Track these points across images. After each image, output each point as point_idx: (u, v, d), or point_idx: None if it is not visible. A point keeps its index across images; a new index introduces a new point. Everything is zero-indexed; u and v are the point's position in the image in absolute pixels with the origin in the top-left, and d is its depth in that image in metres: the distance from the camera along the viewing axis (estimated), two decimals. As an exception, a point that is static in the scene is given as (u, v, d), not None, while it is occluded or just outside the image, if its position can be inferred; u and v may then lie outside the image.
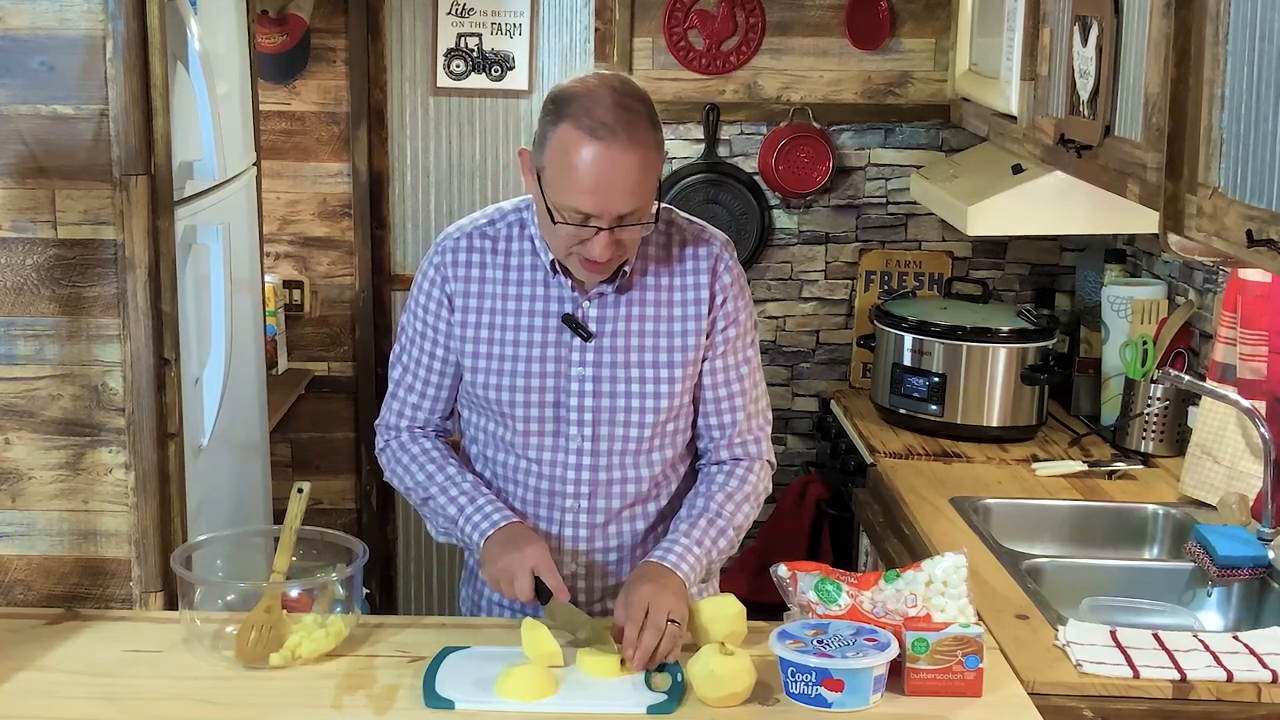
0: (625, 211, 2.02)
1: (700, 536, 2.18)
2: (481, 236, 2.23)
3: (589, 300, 2.19)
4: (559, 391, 2.20)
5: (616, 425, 2.21)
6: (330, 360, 4.36)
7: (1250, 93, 1.99)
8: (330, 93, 4.21)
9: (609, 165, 1.99)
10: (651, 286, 2.21)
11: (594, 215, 2.02)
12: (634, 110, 2.02)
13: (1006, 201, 3.17)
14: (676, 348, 2.21)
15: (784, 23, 3.98)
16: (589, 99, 2.01)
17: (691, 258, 2.22)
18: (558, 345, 2.20)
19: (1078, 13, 2.72)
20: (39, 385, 2.42)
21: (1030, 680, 2.13)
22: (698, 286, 2.22)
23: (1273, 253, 1.88)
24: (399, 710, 1.95)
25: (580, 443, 2.22)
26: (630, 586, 2.10)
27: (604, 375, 2.20)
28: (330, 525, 2.44)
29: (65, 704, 1.97)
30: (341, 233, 4.30)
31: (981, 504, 2.98)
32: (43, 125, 2.35)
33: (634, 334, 2.20)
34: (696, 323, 2.22)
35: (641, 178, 2.01)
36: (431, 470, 2.26)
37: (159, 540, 2.46)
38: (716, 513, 2.21)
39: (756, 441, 2.32)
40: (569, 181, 2.01)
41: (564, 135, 2.01)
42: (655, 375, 2.21)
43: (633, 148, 1.99)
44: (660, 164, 2.08)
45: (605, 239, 2.04)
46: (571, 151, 2.00)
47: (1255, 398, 2.75)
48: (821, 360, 4.14)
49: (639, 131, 2.01)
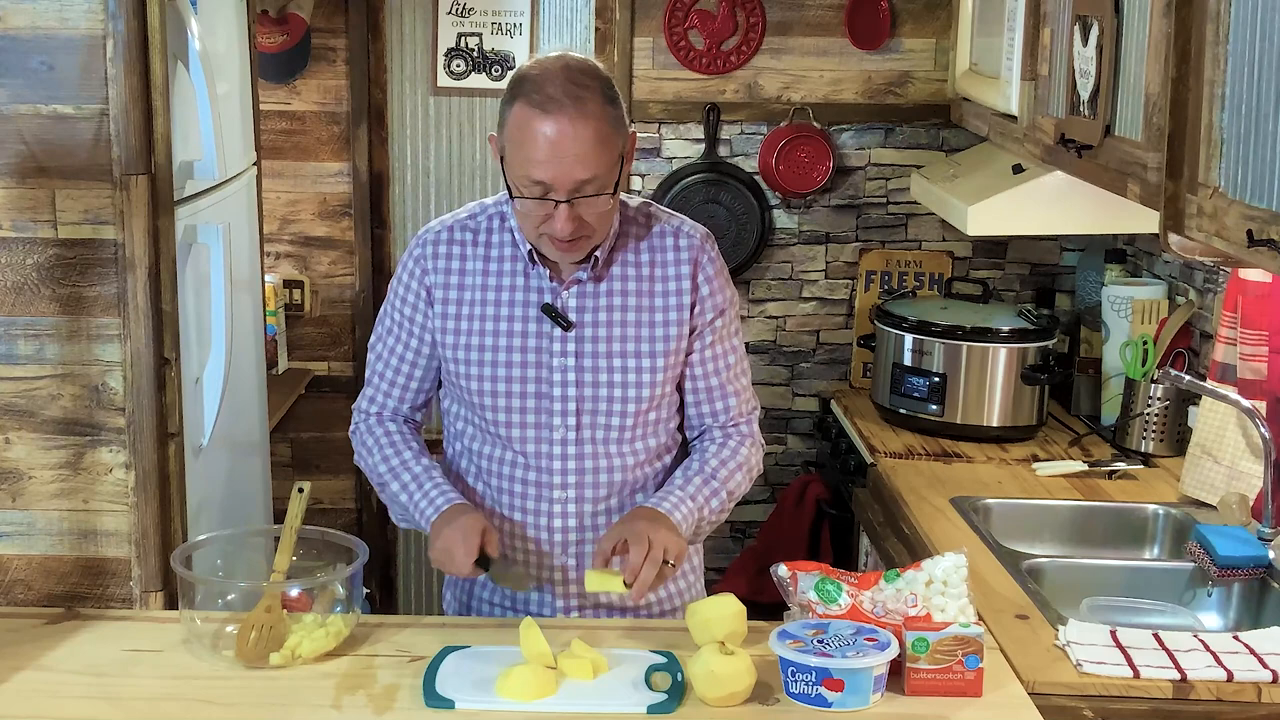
0: (581, 179, 2.06)
1: (694, 493, 2.22)
2: (462, 229, 2.27)
3: (567, 290, 2.22)
4: (541, 382, 2.23)
5: (599, 414, 2.24)
6: (330, 360, 4.36)
7: (1250, 93, 1.99)
8: (330, 92, 4.21)
9: (559, 135, 2.04)
10: (632, 277, 2.24)
11: (550, 186, 2.06)
12: (585, 86, 2.06)
13: (1006, 201, 3.17)
14: (658, 337, 2.24)
15: (784, 22, 3.98)
16: (541, 77, 2.07)
17: (673, 249, 2.25)
18: (538, 336, 2.23)
19: (1078, 12, 2.72)
20: (39, 385, 2.42)
21: (1030, 680, 2.13)
22: (679, 277, 2.24)
23: (1273, 253, 1.88)
24: (399, 710, 1.95)
25: (565, 432, 2.24)
26: (627, 521, 2.15)
27: (585, 365, 2.22)
28: (330, 525, 2.43)
29: (65, 704, 1.97)
30: (341, 232, 4.30)
31: (981, 504, 2.98)
32: (43, 125, 2.35)
33: (614, 324, 2.23)
34: (678, 313, 2.24)
35: (594, 148, 2.05)
36: (389, 454, 2.31)
37: (159, 540, 2.46)
38: (711, 474, 2.25)
39: (748, 423, 2.35)
40: (524, 155, 2.07)
41: (518, 113, 2.07)
42: (637, 364, 2.23)
43: (582, 118, 2.04)
44: (619, 139, 2.11)
45: (566, 213, 2.08)
46: (525, 127, 2.06)
47: (1255, 398, 2.75)
48: (821, 360, 4.14)
49: (589, 104, 2.05)
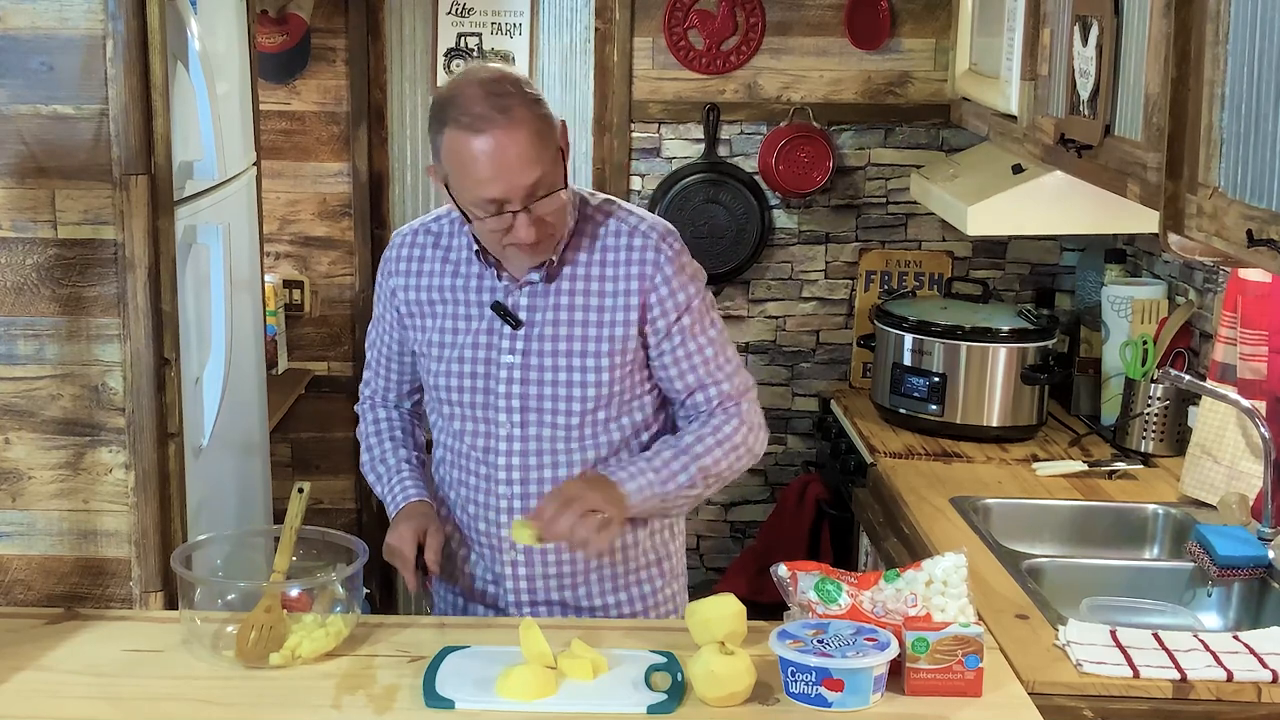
0: (529, 184, 2.06)
1: (658, 463, 2.22)
2: (425, 233, 2.32)
3: (520, 289, 2.23)
4: (489, 378, 2.24)
5: (544, 413, 2.24)
6: (330, 360, 4.35)
7: (1250, 93, 1.99)
8: (330, 93, 4.21)
9: (497, 149, 2.04)
10: (583, 276, 2.23)
11: (504, 200, 2.07)
12: (506, 94, 2.06)
13: (1006, 201, 3.16)
14: (605, 337, 2.22)
15: (784, 22, 3.98)
16: (461, 98, 2.07)
17: (625, 248, 2.23)
18: (489, 333, 2.24)
19: (1078, 12, 2.72)
20: (39, 385, 2.42)
21: (1030, 680, 2.14)
22: (629, 277, 2.22)
23: (1273, 253, 1.88)
24: (399, 710, 1.95)
25: (510, 429, 2.25)
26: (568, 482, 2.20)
27: (532, 364, 2.23)
28: (330, 525, 2.43)
29: (65, 704, 1.97)
30: (341, 233, 4.29)
31: (981, 504, 2.98)
32: (43, 125, 2.35)
33: (563, 323, 2.22)
34: (626, 313, 2.22)
35: (532, 150, 2.06)
36: (372, 443, 2.44)
37: (159, 540, 2.46)
38: (681, 448, 2.24)
39: (737, 404, 2.29)
40: (469, 179, 2.07)
41: (450, 139, 2.08)
42: (583, 364, 2.22)
43: (513, 127, 2.05)
44: (553, 133, 2.10)
45: (525, 220, 2.09)
46: (462, 151, 2.06)
47: (1255, 398, 2.75)
48: (821, 360, 4.14)
49: (515, 110, 2.05)
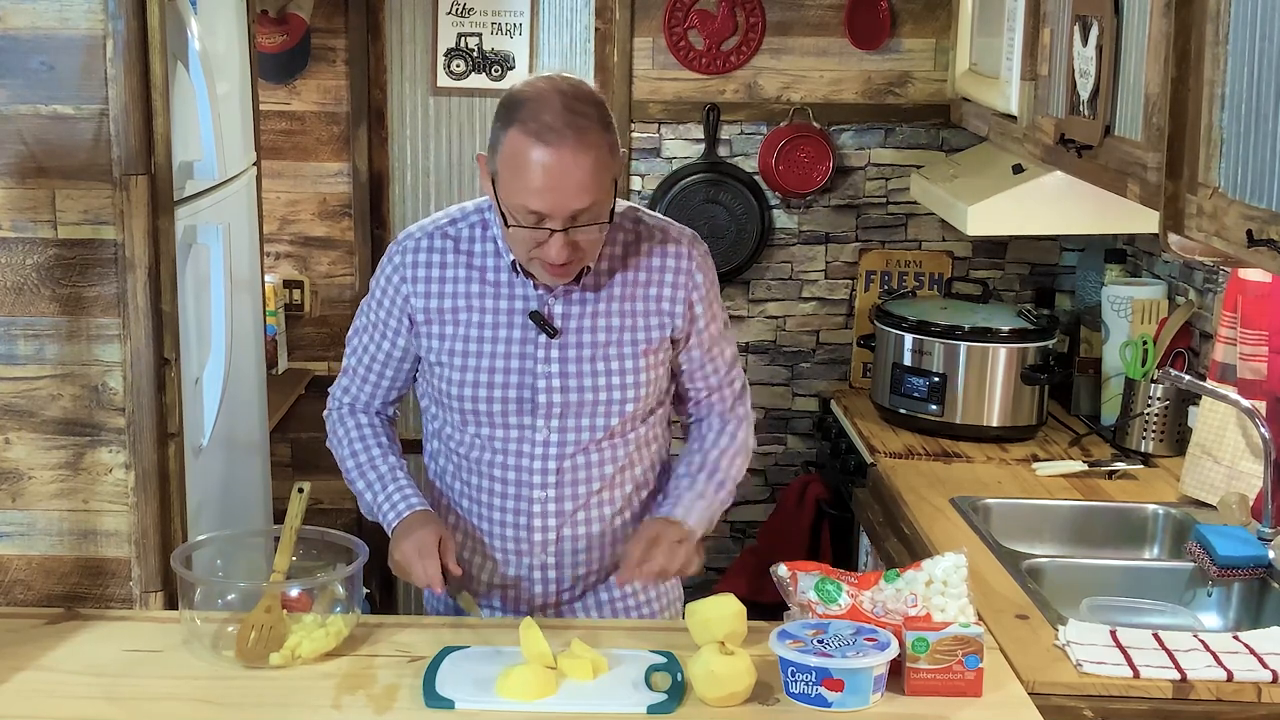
0: (577, 209, 2.03)
1: (703, 489, 2.28)
2: (443, 237, 2.25)
3: (555, 297, 2.21)
4: (524, 388, 2.22)
5: (583, 418, 2.24)
6: (330, 360, 4.35)
7: (1250, 93, 1.99)
8: (330, 93, 4.21)
9: (558, 167, 2.00)
10: (619, 283, 2.23)
11: (547, 216, 2.04)
12: (583, 114, 2.02)
13: (1006, 201, 3.17)
14: (641, 341, 2.23)
15: (784, 22, 3.98)
16: (538, 103, 2.02)
17: (659, 255, 2.24)
18: (523, 343, 2.22)
19: (1078, 13, 2.72)
20: (39, 385, 2.42)
21: (1030, 680, 2.14)
22: (662, 284, 2.24)
23: (1273, 253, 1.88)
24: (399, 710, 1.95)
25: (547, 434, 2.24)
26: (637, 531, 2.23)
27: (570, 371, 2.22)
28: (330, 525, 2.43)
29: (65, 704, 1.97)
30: (341, 233, 4.29)
31: (981, 504, 2.98)
32: (43, 125, 2.35)
33: (600, 330, 2.22)
34: (660, 318, 2.24)
35: (592, 178, 2.02)
36: (357, 449, 2.34)
37: (159, 540, 2.46)
38: (714, 467, 2.31)
39: (741, 404, 2.40)
40: (519, 184, 2.03)
41: (513, 139, 2.03)
42: (620, 368, 2.23)
43: (582, 150, 2.01)
44: (615, 165, 2.09)
45: (561, 240, 2.05)
46: (521, 155, 2.02)
47: (1255, 398, 2.75)
48: (821, 360, 4.14)
49: (588, 134, 2.02)
